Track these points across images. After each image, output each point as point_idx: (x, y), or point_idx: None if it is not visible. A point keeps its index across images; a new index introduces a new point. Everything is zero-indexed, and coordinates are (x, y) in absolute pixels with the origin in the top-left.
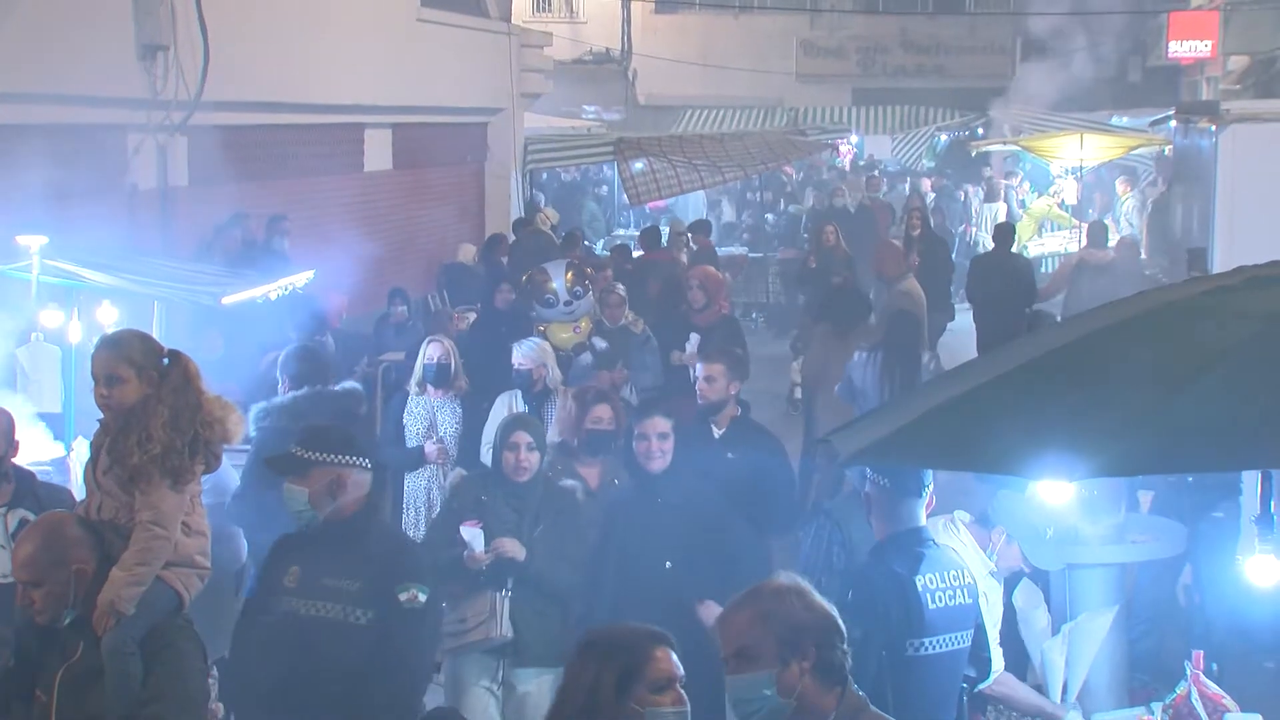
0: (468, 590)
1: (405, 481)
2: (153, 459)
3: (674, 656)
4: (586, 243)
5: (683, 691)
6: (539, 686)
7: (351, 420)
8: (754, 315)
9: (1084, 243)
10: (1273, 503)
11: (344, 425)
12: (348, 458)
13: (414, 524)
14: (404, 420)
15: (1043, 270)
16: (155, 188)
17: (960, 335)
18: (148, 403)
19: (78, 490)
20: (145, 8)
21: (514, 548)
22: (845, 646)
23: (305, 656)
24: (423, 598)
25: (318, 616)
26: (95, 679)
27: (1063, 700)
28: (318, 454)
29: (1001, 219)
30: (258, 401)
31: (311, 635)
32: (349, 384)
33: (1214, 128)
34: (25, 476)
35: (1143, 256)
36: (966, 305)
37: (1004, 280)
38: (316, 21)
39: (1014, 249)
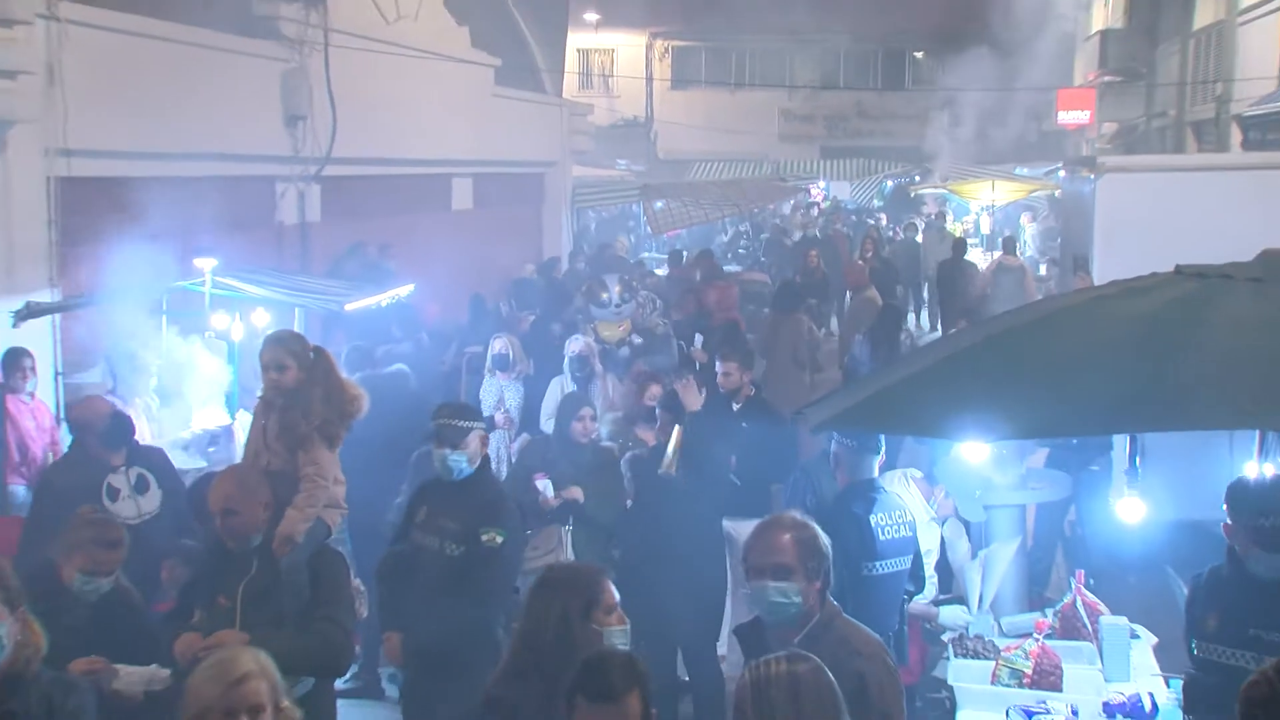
0: (539, 526)
1: None
2: (315, 427)
3: (613, 587)
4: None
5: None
6: None
7: (404, 395)
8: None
9: (1000, 253)
10: (1136, 459)
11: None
12: (481, 423)
13: None
14: (480, 395)
15: None
16: (296, 223)
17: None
18: (305, 385)
19: (239, 448)
20: (290, 87)
21: (578, 493)
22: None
23: (419, 577)
24: (500, 540)
25: (427, 547)
26: (271, 589)
27: (979, 608)
28: (470, 423)
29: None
30: None
31: (423, 561)
32: (398, 366)
33: (1093, 176)
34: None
35: (1041, 270)
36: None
37: (960, 278)
38: (416, 96)
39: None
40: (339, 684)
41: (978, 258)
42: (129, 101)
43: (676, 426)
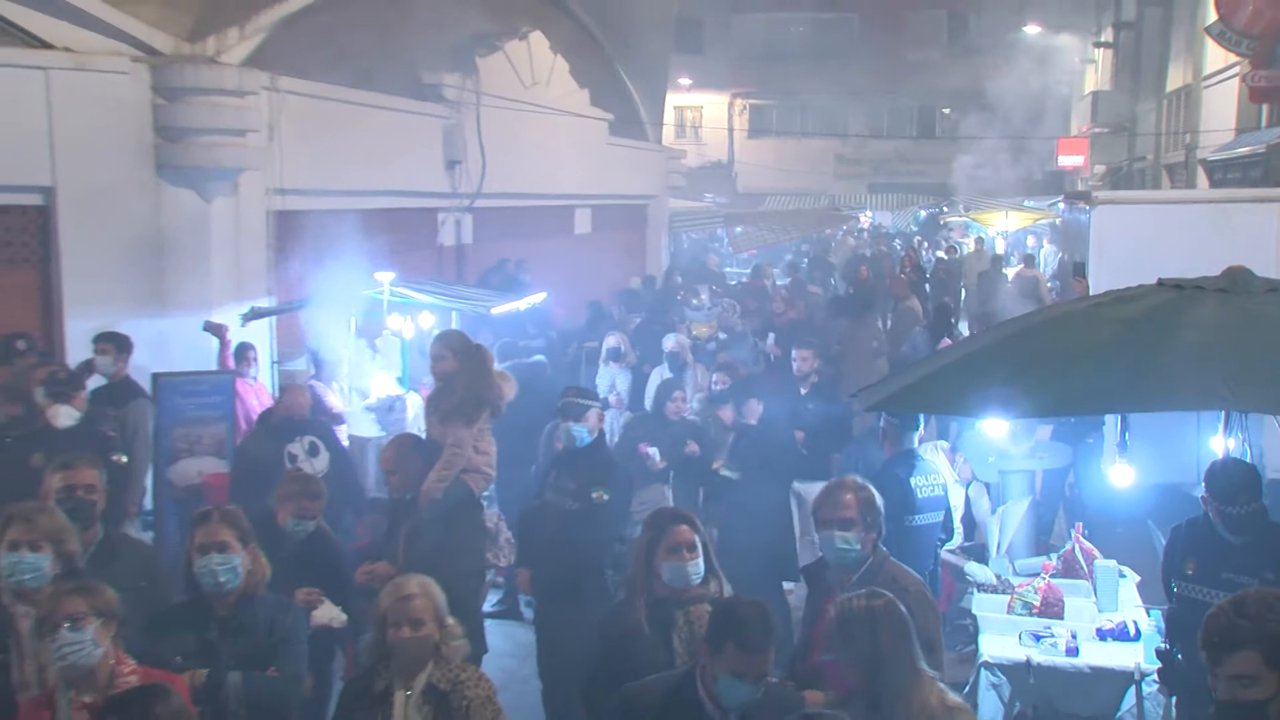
0: (645, 483)
1: None
2: (455, 406)
3: (690, 529)
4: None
5: (696, 553)
6: None
7: (542, 380)
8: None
9: (1021, 265)
10: (1125, 434)
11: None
12: (597, 403)
13: None
14: (596, 381)
15: None
16: (453, 245)
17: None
18: (457, 374)
19: (409, 419)
20: (450, 138)
21: (694, 447)
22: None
23: (546, 525)
24: (607, 497)
25: (553, 502)
26: (424, 534)
27: (997, 553)
28: (589, 401)
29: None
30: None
31: (549, 513)
32: (537, 357)
33: (1088, 207)
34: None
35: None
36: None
37: (997, 282)
38: (547, 144)
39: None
40: (486, 607)
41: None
42: (327, 151)
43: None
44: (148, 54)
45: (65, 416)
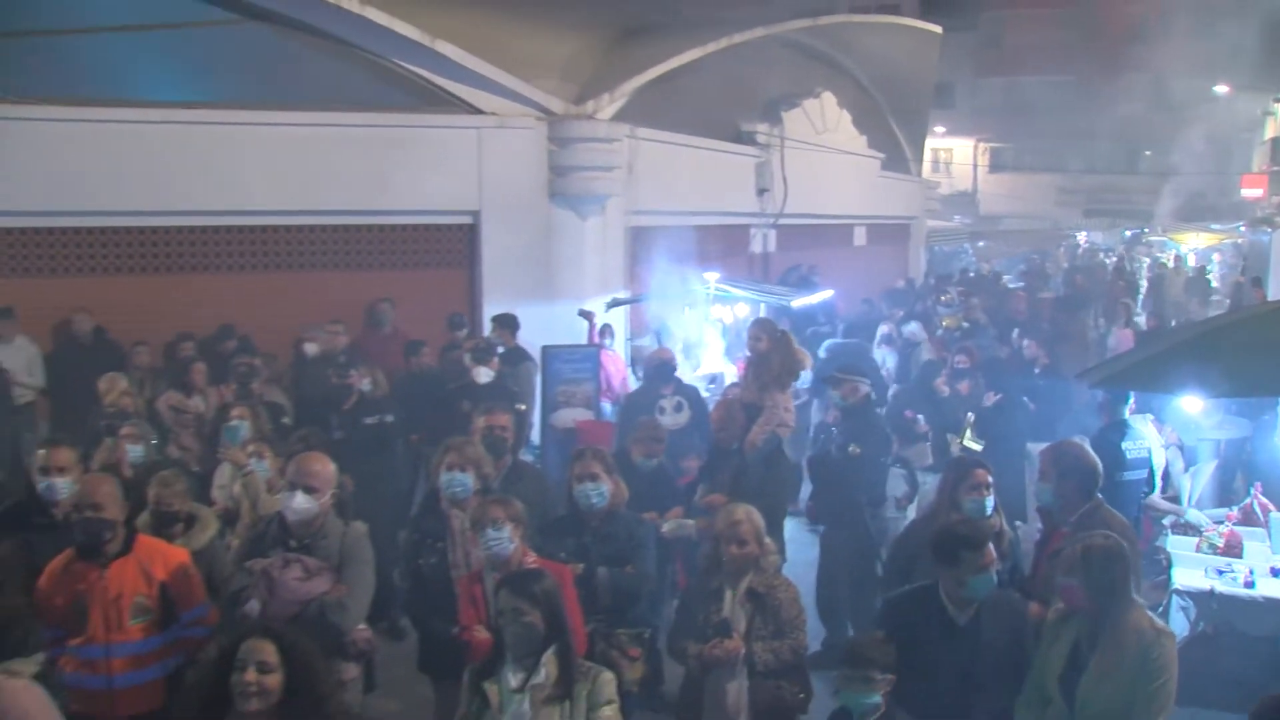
0: (911, 442)
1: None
2: (774, 376)
3: (986, 472)
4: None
5: (990, 491)
6: None
7: (864, 359)
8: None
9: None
10: None
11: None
12: (861, 377)
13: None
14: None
15: None
16: (760, 253)
17: None
18: (771, 351)
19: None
20: (760, 171)
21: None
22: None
23: (826, 472)
24: (859, 451)
25: (827, 452)
26: (748, 474)
27: (1189, 504)
28: (851, 376)
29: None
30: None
31: (827, 462)
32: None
33: (1269, 230)
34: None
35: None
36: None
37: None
38: (833, 176)
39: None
40: None
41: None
42: (669, 182)
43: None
44: (546, 114)
45: (484, 375)
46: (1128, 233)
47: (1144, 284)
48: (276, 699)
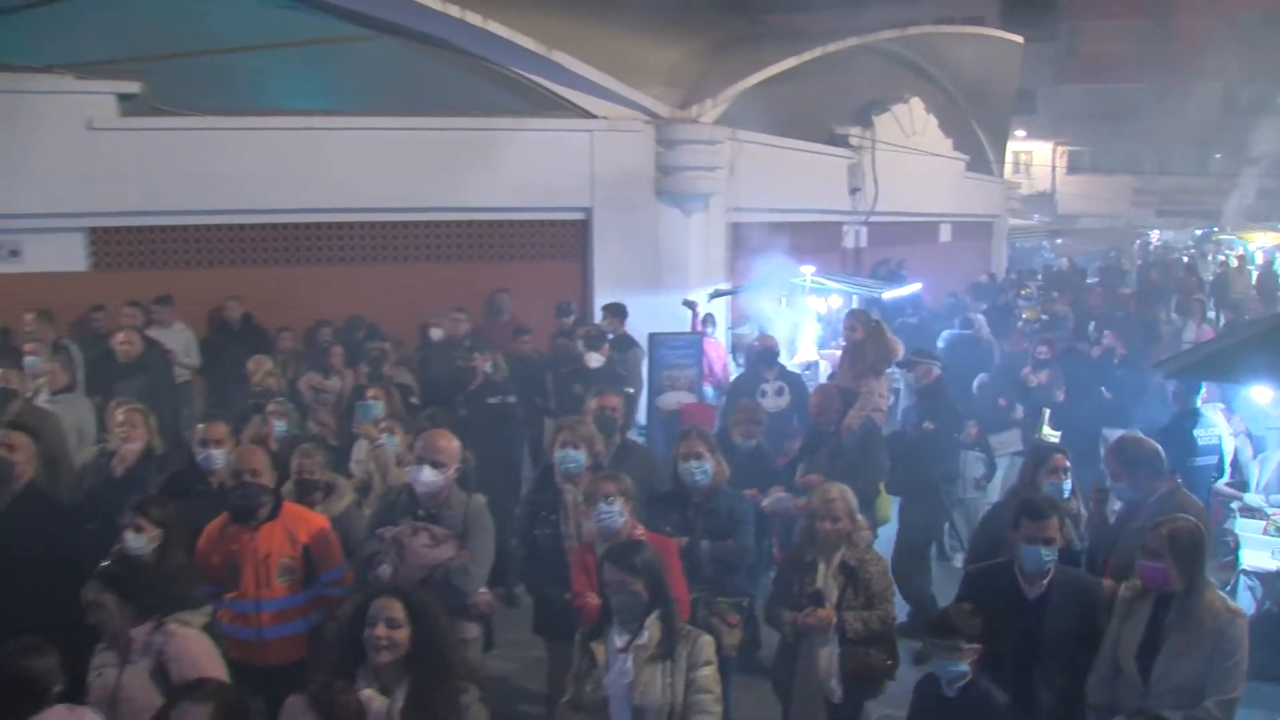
0: (1002, 427)
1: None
2: (868, 364)
3: (1064, 458)
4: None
5: (1068, 475)
6: None
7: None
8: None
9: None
10: None
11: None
12: (934, 360)
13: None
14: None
15: None
16: (853, 248)
17: None
18: (865, 340)
19: (821, 373)
20: (852, 172)
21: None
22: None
23: (901, 448)
24: (932, 427)
25: (905, 430)
26: (843, 455)
27: (1256, 489)
28: (924, 359)
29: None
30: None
31: (904, 438)
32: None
33: None
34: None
35: None
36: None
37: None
38: (921, 177)
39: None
40: None
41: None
42: (768, 181)
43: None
44: (654, 118)
45: (595, 360)
46: (1198, 231)
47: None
48: (404, 652)
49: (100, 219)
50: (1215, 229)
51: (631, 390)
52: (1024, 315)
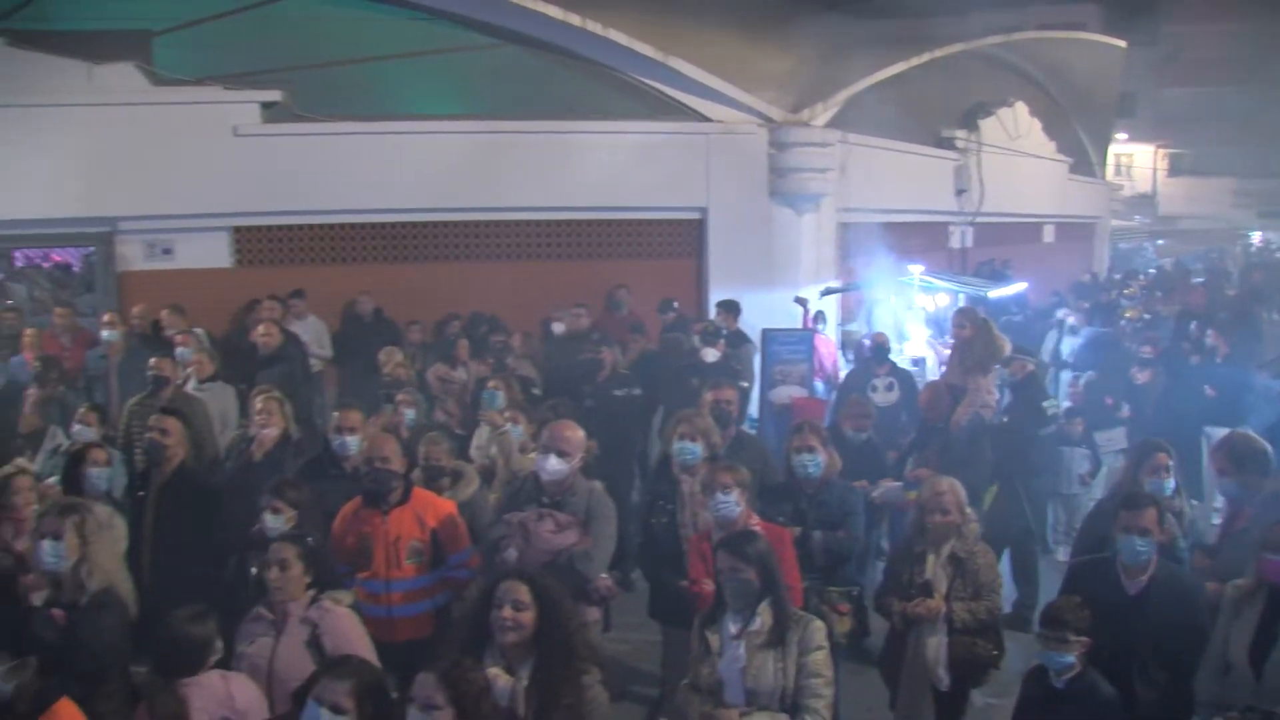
0: (1108, 426)
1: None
2: (976, 361)
3: (1167, 455)
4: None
5: (1170, 473)
6: None
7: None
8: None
9: None
10: None
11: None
12: (1028, 357)
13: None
14: (1059, 347)
15: None
16: (959, 248)
17: None
18: (974, 338)
19: (929, 370)
20: (958, 174)
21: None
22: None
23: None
24: (1052, 411)
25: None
26: (953, 450)
27: None
28: (1020, 356)
29: None
30: None
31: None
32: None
33: None
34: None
35: None
36: None
37: None
38: (1025, 178)
39: None
40: None
41: None
42: (876, 182)
43: None
44: (767, 121)
45: (711, 355)
46: None
47: None
48: (529, 634)
49: (243, 219)
50: None
51: (746, 384)
52: (1126, 314)
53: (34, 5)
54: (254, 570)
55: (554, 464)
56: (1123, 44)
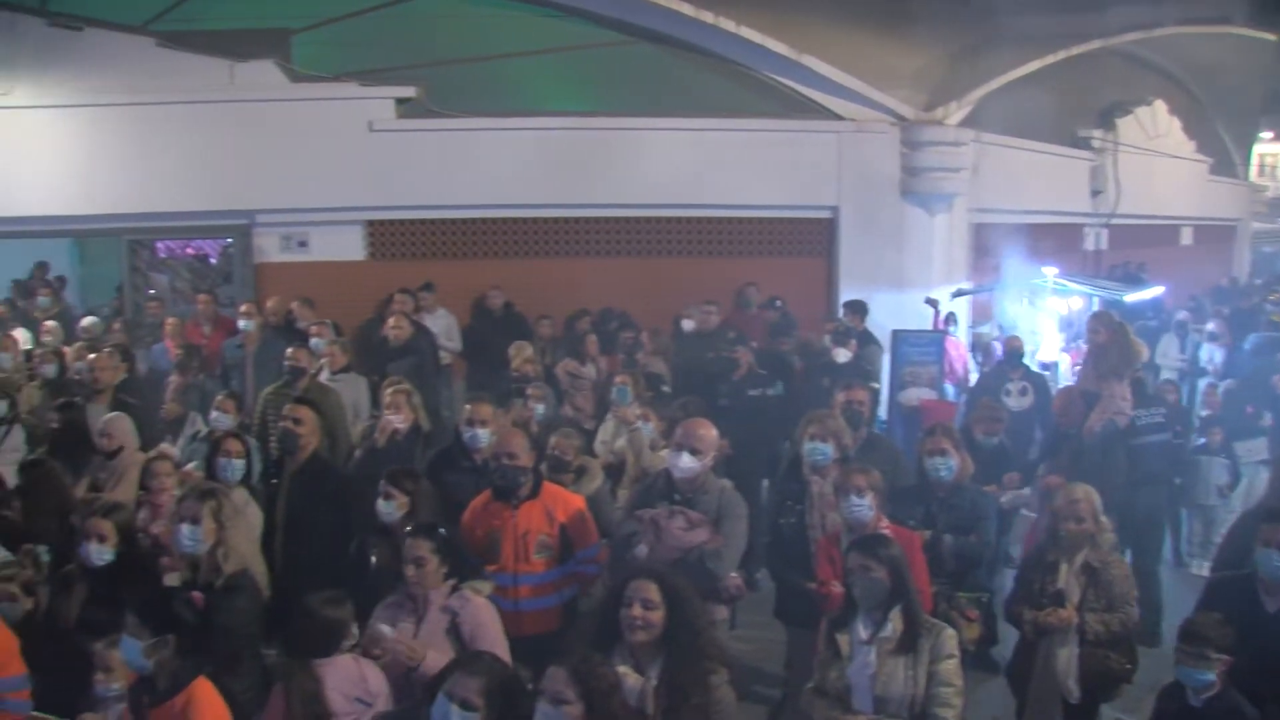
0: (1249, 436)
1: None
2: (1111, 366)
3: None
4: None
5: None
6: None
7: None
8: None
9: None
10: None
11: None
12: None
13: None
14: (1199, 354)
15: None
16: (1093, 250)
17: None
18: (1109, 343)
19: (1062, 375)
20: (1094, 174)
21: None
22: None
23: None
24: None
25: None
26: (1087, 457)
27: None
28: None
29: None
30: None
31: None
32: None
33: None
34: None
35: None
36: None
37: None
38: (1163, 178)
39: None
40: None
41: None
42: (1009, 182)
43: None
44: (899, 120)
45: (843, 355)
46: None
47: None
48: (659, 633)
49: (376, 213)
50: None
51: (877, 385)
52: (1272, 319)
53: (181, 7)
54: (373, 558)
55: (687, 461)
56: (1272, 37)
